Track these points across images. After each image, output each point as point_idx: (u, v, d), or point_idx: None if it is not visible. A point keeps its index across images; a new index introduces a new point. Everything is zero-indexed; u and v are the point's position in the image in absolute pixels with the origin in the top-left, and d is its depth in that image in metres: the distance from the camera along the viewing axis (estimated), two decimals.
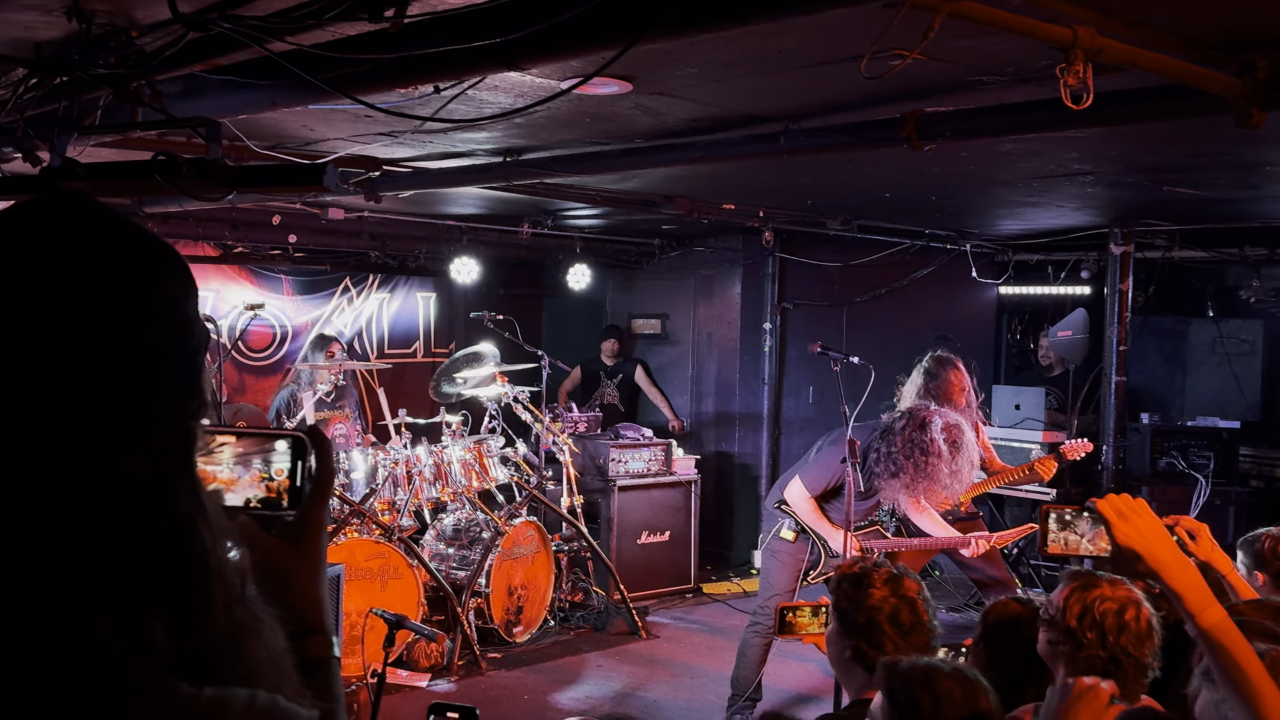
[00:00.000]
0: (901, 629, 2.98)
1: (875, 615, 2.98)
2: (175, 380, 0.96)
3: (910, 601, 3.01)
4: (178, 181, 2.73)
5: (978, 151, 5.16)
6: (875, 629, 2.97)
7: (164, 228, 7.59)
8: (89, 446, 0.90)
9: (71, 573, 0.88)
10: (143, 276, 0.96)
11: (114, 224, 0.97)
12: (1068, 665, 2.86)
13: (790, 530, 5.61)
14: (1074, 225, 8.06)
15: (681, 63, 3.67)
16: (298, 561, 1.21)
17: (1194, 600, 2.07)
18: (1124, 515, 2.14)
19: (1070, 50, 2.83)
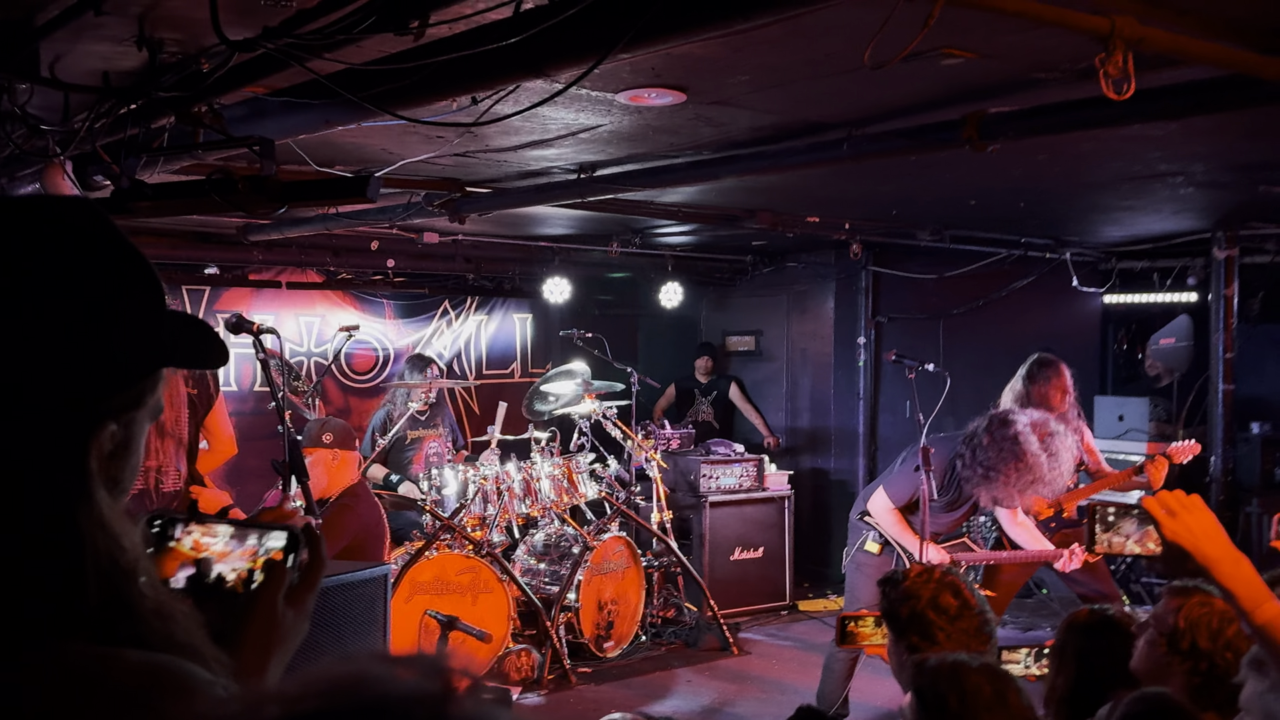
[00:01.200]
0: (947, 614, 2.91)
1: (915, 605, 2.93)
2: (72, 368, 1.01)
3: (949, 585, 2.95)
4: (233, 198, 2.87)
5: (1055, 153, 5.05)
6: (920, 620, 2.91)
7: (269, 255, 7.93)
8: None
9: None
10: (41, 265, 1.02)
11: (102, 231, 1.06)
12: (1182, 681, 2.74)
13: (875, 543, 5.54)
14: (1176, 230, 7.80)
15: (732, 70, 3.70)
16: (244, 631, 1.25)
17: (1247, 596, 2.01)
18: (1173, 512, 2.09)
19: (1109, 40, 2.77)
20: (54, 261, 1.01)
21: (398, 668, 0.64)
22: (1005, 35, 3.31)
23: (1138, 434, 7.91)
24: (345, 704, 0.61)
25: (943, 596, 2.92)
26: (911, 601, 2.94)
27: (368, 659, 0.64)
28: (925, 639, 2.90)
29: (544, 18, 2.41)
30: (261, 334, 3.34)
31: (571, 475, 7.31)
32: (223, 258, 7.80)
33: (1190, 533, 2.06)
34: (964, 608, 2.96)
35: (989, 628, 3.00)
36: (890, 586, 3.02)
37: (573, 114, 4.32)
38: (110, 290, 1.04)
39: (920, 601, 2.92)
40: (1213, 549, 2.04)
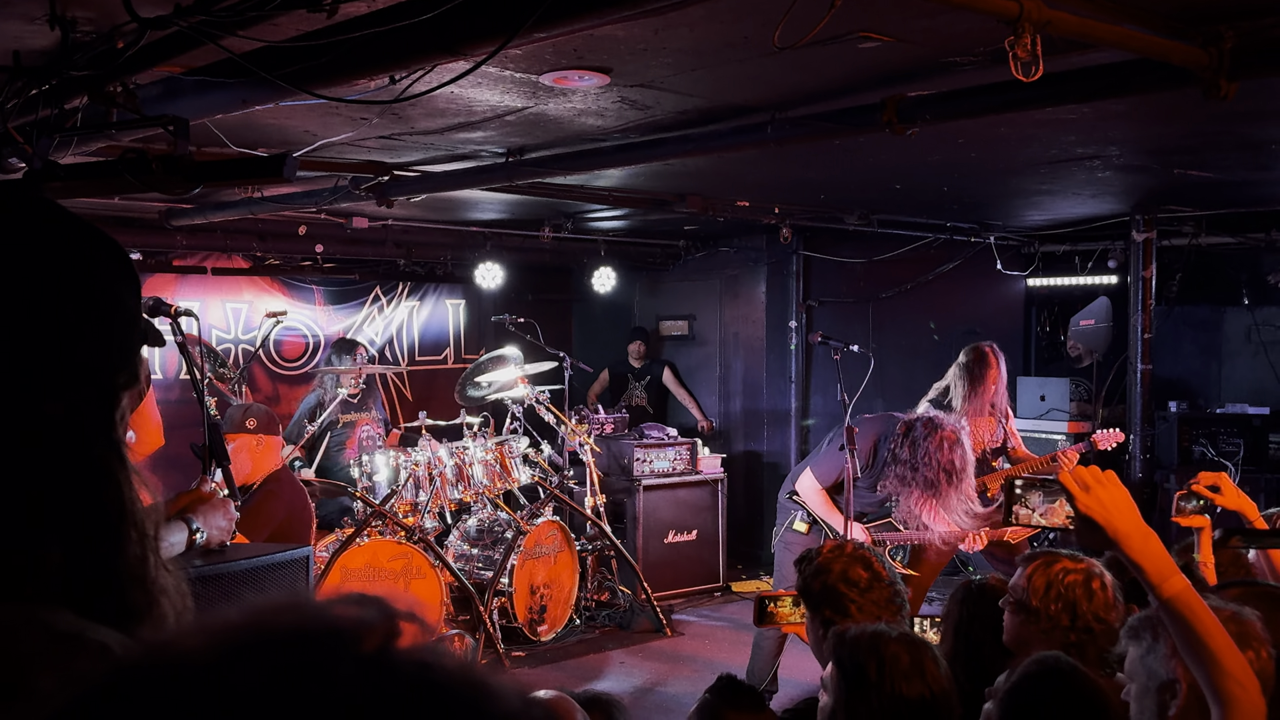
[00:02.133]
0: (858, 586, 2.97)
1: (827, 579, 2.99)
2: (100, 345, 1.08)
3: (860, 558, 3.01)
4: (147, 178, 2.84)
5: (972, 137, 5.15)
6: (832, 593, 2.97)
7: (193, 240, 7.81)
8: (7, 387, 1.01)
9: None
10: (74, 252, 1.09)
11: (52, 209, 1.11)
12: (1042, 644, 2.84)
13: (803, 522, 5.63)
14: (1097, 214, 7.97)
15: (652, 52, 3.72)
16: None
17: (1155, 571, 2.07)
18: (1087, 486, 2.15)
19: (1017, 23, 2.84)
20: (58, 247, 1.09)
21: (338, 604, 0.59)
22: (919, 19, 3.37)
23: (1059, 414, 8.09)
24: (277, 632, 0.55)
25: (853, 569, 2.98)
26: (823, 575, 3.00)
27: (303, 596, 0.63)
28: (838, 611, 2.96)
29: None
30: (179, 316, 3.30)
31: (505, 460, 7.31)
32: (145, 243, 7.65)
33: (1103, 507, 2.11)
34: (874, 580, 3.03)
35: (900, 599, 3.06)
36: (804, 564, 3.08)
37: (498, 95, 4.31)
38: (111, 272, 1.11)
39: (831, 575, 2.98)
40: (1124, 524, 2.10)
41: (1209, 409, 8.14)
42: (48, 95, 3.19)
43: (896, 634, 2.52)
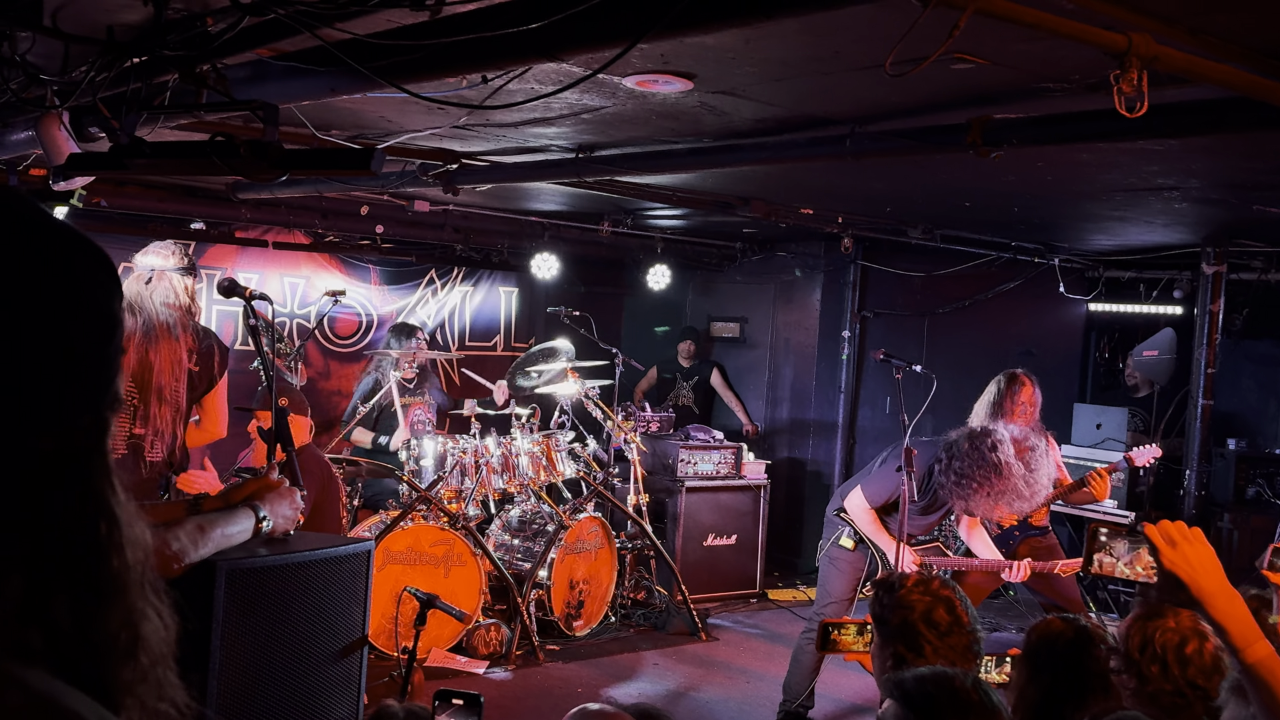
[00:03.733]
0: (938, 629, 2.90)
1: (908, 616, 2.91)
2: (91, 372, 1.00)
3: (945, 600, 2.94)
4: (233, 162, 2.84)
5: (1053, 161, 5.06)
6: (910, 630, 2.91)
7: (257, 213, 7.85)
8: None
9: None
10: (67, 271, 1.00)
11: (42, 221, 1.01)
12: (1134, 698, 2.78)
13: (850, 539, 5.58)
14: (1166, 243, 7.83)
15: (740, 60, 3.67)
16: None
17: (1239, 634, 2.01)
18: (1173, 542, 2.08)
19: (1124, 57, 2.77)
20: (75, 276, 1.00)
21: None
22: (1017, 43, 3.30)
23: (1114, 443, 7.96)
24: None
25: (936, 611, 2.91)
26: (904, 611, 2.92)
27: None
28: (912, 650, 2.88)
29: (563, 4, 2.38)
30: (253, 300, 3.30)
31: (550, 453, 7.31)
32: (210, 213, 7.72)
33: (1188, 564, 2.05)
34: (955, 624, 2.95)
35: (977, 647, 2.99)
36: (885, 591, 3.00)
37: (576, 94, 4.29)
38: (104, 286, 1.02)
39: (913, 612, 2.91)
40: (1209, 583, 2.04)
41: (1268, 448, 7.97)
42: (138, 70, 3.20)
43: (971, 680, 2.46)
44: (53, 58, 3.64)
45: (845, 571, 5.58)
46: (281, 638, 2.66)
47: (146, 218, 7.72)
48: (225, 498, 2.71)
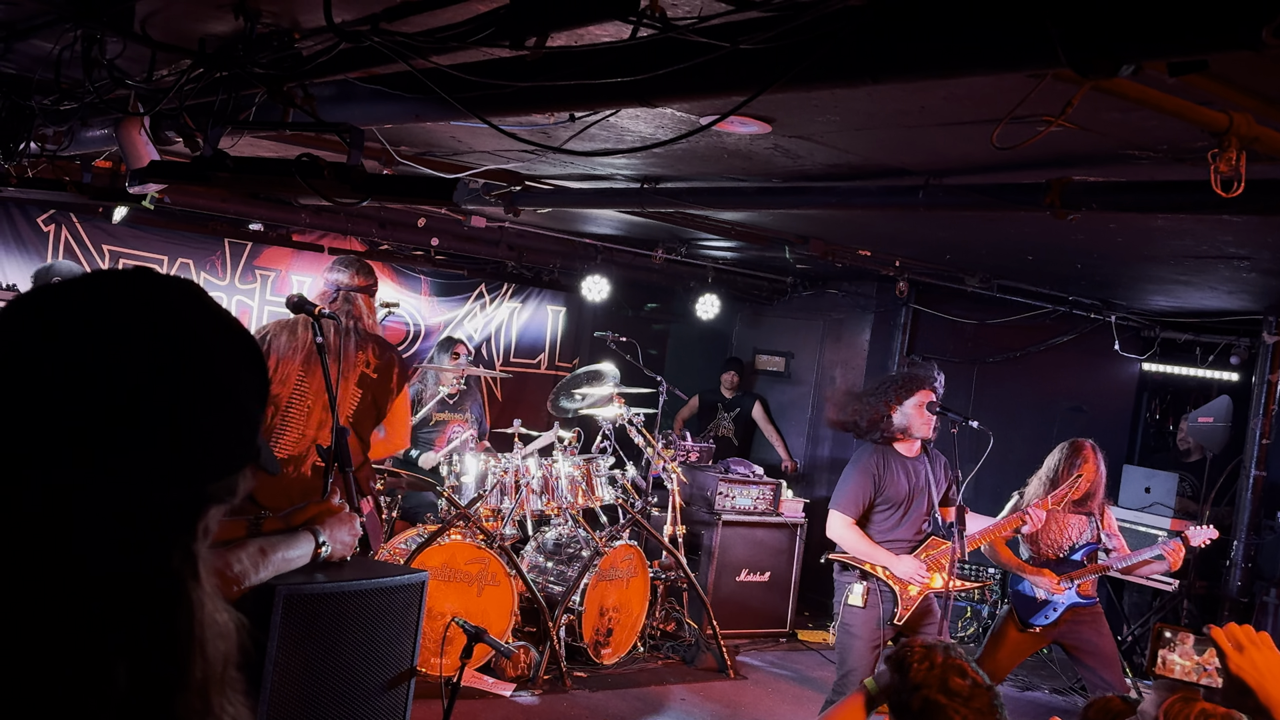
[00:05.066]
0: (960, 697, 2.83)
1: (928, 695, 2.85)
2: (205, 450, 0.99)
3: (954, 666, 2.88)
4: (317, 184, 2.84)
5: (1126, 224, 4.99)
6: (934, 707, 2.84)
7: (316, 219, 7.91)
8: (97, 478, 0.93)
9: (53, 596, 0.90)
10: (208, 349, 1.01)
11: (199, 303, 1.04)
12: None
13: (858, 596, 5.32)
14: (1226, 308, 7.72)
15: (823, 110, 3.65)
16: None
17: None
18: (1241, 646, 2.03)
19: (1224, 136, 2.72)
20: (189, 343, 1.00)
21: None
22: (1110, 112, 3.26)
23: (1162, 508, 7.82)
24: None
25: (951, 679, 2.85)
26: (922, 691, 2.86)
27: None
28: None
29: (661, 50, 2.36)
30: (321, 318, 3.30)
31: (590, 477, 7.28)
32: (270, 216, 7.78)
33: (1256, 670, 2.00)
34: (974, 687, 2.89)
35: (998, 702, 2.94)
36: (894, 672, 2.94)
37: (651, 128, 4.27)
38: (235, 377, 1.03)
39: (931, 689, 2.85)
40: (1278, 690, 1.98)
41: None
42: (225, 83, 3.22)
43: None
44: (138, 62, 3.68)
45: (860, 635, 5.32)
46: (332, 665, 2.65)
47: (208, 216, 7.79)
48: (287, 520, 2.71)
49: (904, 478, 5.37)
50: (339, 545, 2.73)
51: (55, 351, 0.94)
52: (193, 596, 0.97)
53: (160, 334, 0.98)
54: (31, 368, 0.94)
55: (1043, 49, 1.89)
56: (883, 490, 5.34)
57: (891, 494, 5.34)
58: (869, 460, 5.40)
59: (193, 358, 0.99)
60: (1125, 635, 8.06)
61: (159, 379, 0.96)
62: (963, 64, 2.11)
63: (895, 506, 5.36)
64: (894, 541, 5.34)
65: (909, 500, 5.35)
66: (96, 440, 0.93)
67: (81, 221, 7.52)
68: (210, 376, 1.00)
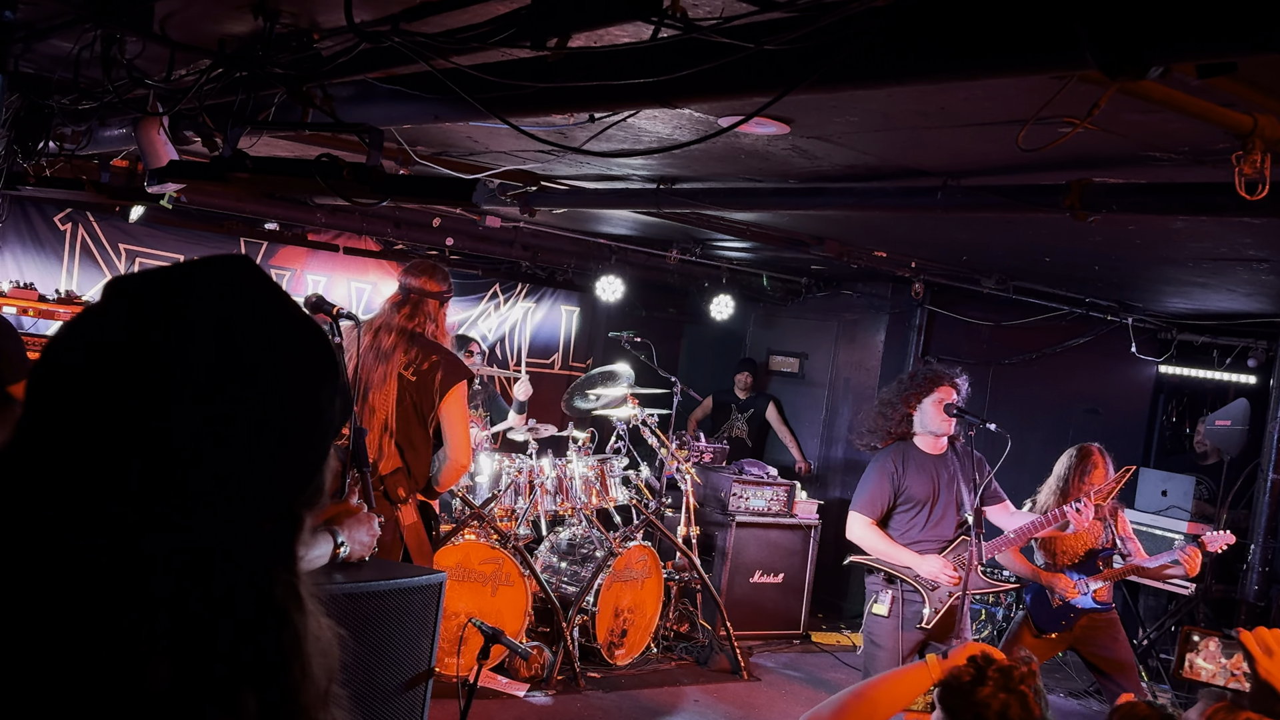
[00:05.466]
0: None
1: (982, 713, 2.82)
2: (292, 464, 0.95)
3: (1020, 695, 2.83)
4: (336, 184, 2.84)
5: (1146, 226, 4.96)
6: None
7: (332, 219, 7.92)
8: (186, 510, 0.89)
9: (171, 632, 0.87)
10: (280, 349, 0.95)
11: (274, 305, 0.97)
12: None
13: (884, 605, 5.15)
14: (1245, 310, 7.67)
15: (842, 111, 3.64)
16: None
17: None
18: (1270, 650, 2.01)
19: (1249, 138, 2.70)
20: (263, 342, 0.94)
21: None
22: (1131, 114, 3.23)
23: (1179, 511, 7.78)
24: None
25: (1011, 709, 2.80)
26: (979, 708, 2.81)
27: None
28: None
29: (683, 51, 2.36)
30: (340, 318, 3.30)
31: (605, 478, 7.27)
32: (285, 215, 7.79)
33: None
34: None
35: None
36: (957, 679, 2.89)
37: (669, 129, 4.26)
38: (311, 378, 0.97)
39: (989, 711, 2.80)
40: None
41: None
42: (244, 83, 3.22)
43: None
44: (156, 63, 3.68)
45: (885, 645, 5.12)
46: (351, 665, 2.64)
47: (224, 215, 7.82)
48: None
49: (927, 476, 5.15)
50: (357, 545, 2.73)
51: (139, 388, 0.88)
52: (297, 623, 0.94)
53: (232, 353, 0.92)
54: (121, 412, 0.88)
55: (1070, 50, 1.87)
56: (903, 490, 5.14)
57: (914, 493, 5.13)
58: (886, 459, 5.22)
59: (280, 367, 0.94)
60: (1141, 639, 8.02)
61: (243, 397, 0.91)
62: (989, 65, 2.10)
63: (919, 506, 5.14)
64: (921, 543, 5.11)
65: (933, 499, 5.13)
66: (188, 484, 0.88)
67: (99, 220, 7.54)
68: (298, 385, 0.94)
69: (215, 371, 0.90)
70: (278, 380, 0.93)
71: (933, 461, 5.21)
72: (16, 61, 4.02)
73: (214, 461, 0.89)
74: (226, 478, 0.90)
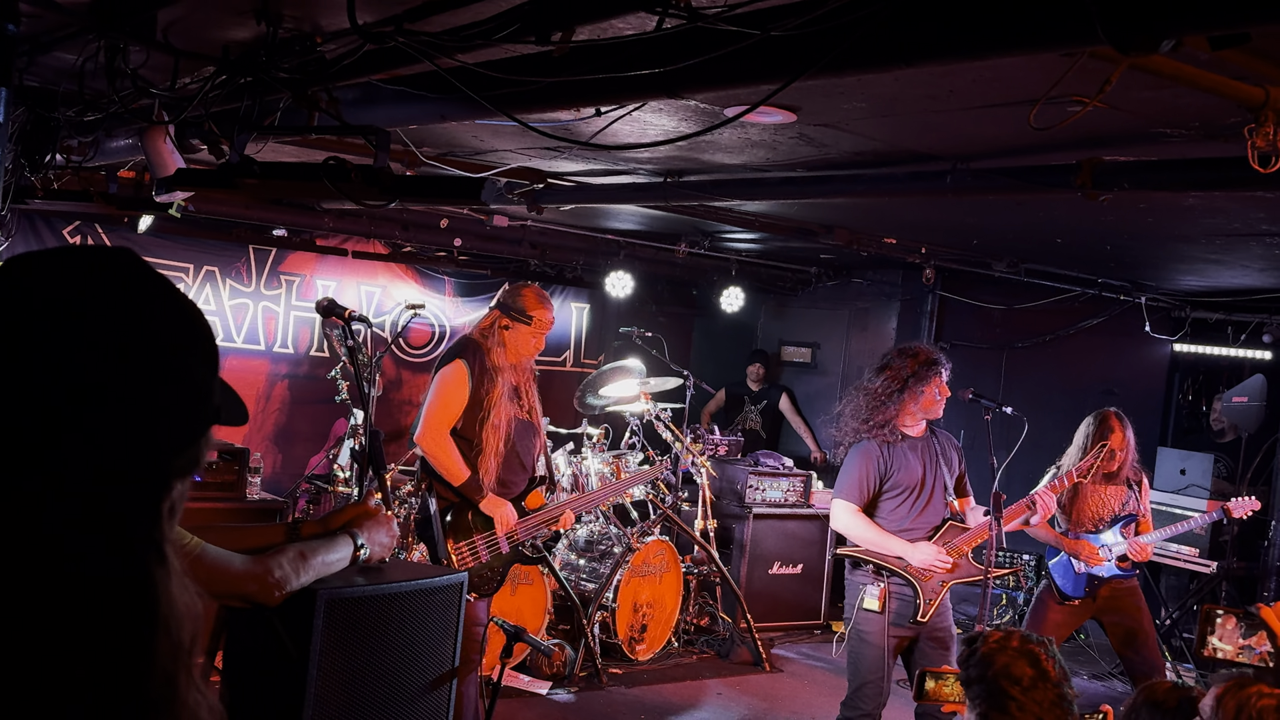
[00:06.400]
0: (1020, 684, 2.76)
1: (987, 672, 2.82)
2: (156, 425, 0.98)
3: (1029, 654, 2.82)
4: (344, 187, 2.83)
5: (1157, 204, 4.93)
6: (993, 689, 2.79)
7: (339, 223, 7.92)
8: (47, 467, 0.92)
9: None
10: (156, 334, 1.00)
11: (144, 277, 1.03)
12: None
13: (873, 598, 4.85)
14: (1259, 286, 7.62)
15: (849, 96, 3.62)
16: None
17: None
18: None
19: (1261, 110, 2.67)
20: (129, 315, 0.99)
21: None
22: (1141, 90, 3.21)
23: (1198, 489, 7.74)
24: None
25: (1017, 665, 2.79)
26: (985, 667, 2.82)
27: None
28: (996, 709, 2.77)
29: (688, 40, 2.34)
30: (352, 321, 3.30)
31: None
32: (293, 221, 7.79)
33: None
34: (1040, 678, 2.82)
35: (1067, 703, 2.86)
36: (968, 652, 2.91)
37: (675, 122, 4.25)
38: (181, 344, 1.02)
39: (994, 668, 2.80)
40: None
41: None
42: (250, 89, 3.22)
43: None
44: (161, 71, 3.68)
45: (876, 642, 4.80)
46: (374, 668, 2.64)
47: (231, 223, 7.82)
48: (324, 523, 2.70)
49: (915, 460, 4.91)
50: (377, 547, 2.73)
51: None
52: (159, 582, 0.95)
53: (98, 312, 0.97)
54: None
55: (1080, 26, 1.85)
56: (890, 474, 4.86)
57: (902, 478, 4.86)
58: (870, 442, 4.94)
59: (136, 331, 0.98)
60: (1164, 619, 7.99)
61: (105, 359, 0.95)
62: (999, 43, 2.08)
63: (908, 492, 4.87)
64: (910, 531, 4.86)
65: (922, 484, 4.89)
66: (53, 433, 0.92)
67: (107, 232, 7.56)
68: (156, 348, 0.99)
69: (93, 334, 0.95)
70: (151, 344, 0.99)
71: (919, 444, 4.98)
72: (21, 75, 4.02)
73: (86, 419, 0.93)
74: (97, 434, 0.93)
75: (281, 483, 7.99)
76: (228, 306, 8.16)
